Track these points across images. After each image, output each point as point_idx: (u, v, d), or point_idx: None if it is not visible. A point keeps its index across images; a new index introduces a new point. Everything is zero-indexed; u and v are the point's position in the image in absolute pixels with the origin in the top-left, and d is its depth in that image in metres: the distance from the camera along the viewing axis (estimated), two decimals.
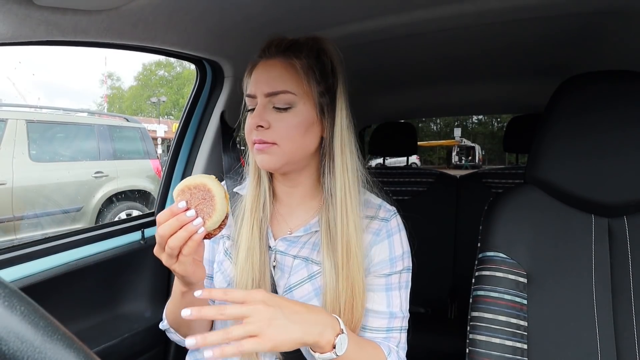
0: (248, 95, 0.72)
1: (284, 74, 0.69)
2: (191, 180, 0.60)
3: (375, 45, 1.20)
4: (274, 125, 0.69)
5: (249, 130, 0.71)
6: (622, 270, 0.78)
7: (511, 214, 0.85)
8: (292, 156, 0.71)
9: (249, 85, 0.73)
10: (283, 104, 0.69)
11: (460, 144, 24.40)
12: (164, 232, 0.57)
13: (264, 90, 0.69)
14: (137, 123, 5.41)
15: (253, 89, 0.71)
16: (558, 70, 1.44)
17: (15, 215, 3.82)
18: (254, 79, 0.72)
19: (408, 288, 0.76)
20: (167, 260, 0.59)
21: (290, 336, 0.55)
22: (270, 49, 0.72)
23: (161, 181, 1.29)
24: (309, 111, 0.70)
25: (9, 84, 14.21)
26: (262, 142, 0.69)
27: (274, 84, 0.69)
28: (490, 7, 0.95)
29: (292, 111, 0.69)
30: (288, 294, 0.72)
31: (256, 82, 0.71)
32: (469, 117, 27.95)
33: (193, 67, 1.21)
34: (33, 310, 0.27)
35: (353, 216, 0.70)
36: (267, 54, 0.72)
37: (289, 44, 0.72)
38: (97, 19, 0.74)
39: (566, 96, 0.83)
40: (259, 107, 0.70)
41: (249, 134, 0.72)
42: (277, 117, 0.69)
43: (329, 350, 0.59)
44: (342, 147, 0.71)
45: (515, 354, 0.77)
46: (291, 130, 0.69)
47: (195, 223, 0.57)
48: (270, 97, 0.69)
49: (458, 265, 1.84)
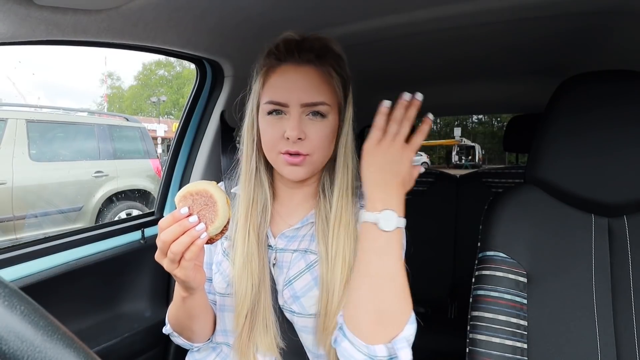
0: (276, 103, 0.68)
1: (321, 83, 0.68)
2: (193, 186, 0.60)
3: (375, 45, 1.19)
4: (310, 135, 0.68)
5: (277, 139, 0.68)
6: (622, 269, 0.78)
7: (511, 214, 0.85)
8: (319, 165, 0.72)
9: (275, 91, 0.69)
10: (319, 114, 0.68)
11: (460, 144, 24.39)
12: (167, 237, 0.57)
13: (302, 100, 0.67)
14: (137, 123, 5.41)
15: (285, 96, 0.68)
16: (558, 70, 1.44)
17: (15, 215, 3.82)
18: (283, 86, 0.68)
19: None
20: (169, 265, 0.59)
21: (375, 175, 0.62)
22: (301, 53, 0.69)
23: (161, 181, 1.29)
24: (335, 119, 0.71)
25: (9, 83, 14.23)
26: (297, 155, 0.68)
27: (313, 94, 0.67)
28: (490, 7, 0.95)
29: (325, 120, 0.69)
30: (288, 287, 0.72)
31: (288, 90, 0.68)
32: (469, 117, 27.96)
33: (193, 67, 1.21)
34: (33, 309, 0.27)
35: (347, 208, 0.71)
36: (295, 58, 0.69)
37: (319, 49, 0.69)
38: (97, 19, 0.74)
39: (566, 96, 0.83)
40: (295, 118, 0.67)
41: (275, 143, 0.69)
42: (313, 127, 0.68)
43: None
44: (346, 147, 0.72)
45: (515, 354, 0.77)
46: (324, 140, 0.69)
47: (198, 228, 0.57)
48: (307, 106, 0.67)
49: (458, 265, 1.84)
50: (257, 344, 0.71)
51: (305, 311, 0.71)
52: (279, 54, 0.70)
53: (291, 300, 0.72)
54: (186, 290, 0.66)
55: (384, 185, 0.61)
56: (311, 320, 0.71)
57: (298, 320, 0.72)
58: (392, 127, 0.62)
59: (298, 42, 0.70)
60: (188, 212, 0.58)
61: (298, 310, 0.72)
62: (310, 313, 0.71)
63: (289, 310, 0.73)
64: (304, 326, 0.72)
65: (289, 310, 0.72)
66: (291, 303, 0.72)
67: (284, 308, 0.73)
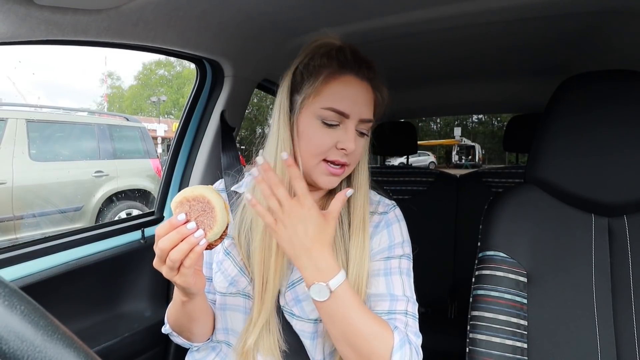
0: (339, 112, 0.67)
1: (372, 102, 0.72)
2: (189, 191, 0.59)
3: (375, 45, 1.19)
4: (356, 149, 0.70)
5: (327, 148, 0.68)
6: (622, 269, 0.78)
7: (511, 214, 0.85)
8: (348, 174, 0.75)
9: (339, 100, 0.67)
10: (367, 131, 0.72)
11: (460, 144, 24.39)
12: (165, 245, 0.56)
13: (362, 115, 0.69)
14: (137, 122, 5.40)
15: (349, 107, 0.67)
16: (558, 70, 1.44)
17: (15, 214, 3.82)
18: (348, 96, 0.68)
19: (410, 277, 0.75)
20: (168, 272, 0.59)
21: (287, 251, 0.62)
22: (362, 69, 0.69)
23: (161, 181, 1.29)
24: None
25: (9, 83, 14.22)
26: (342, 165, 0.69)
27: (368, 112, 0.70)
28: (490, 6, 0.95)
29: (365, 138, 0.73)
30: (291, 290, 0.72)
31: (353, 102, 0.68)
32: (469, 117, 27.94)
33: (193, 67, 1.21)
34: (33, 309, 0.27)
35: (364, 209, 0.73)
36: (357, 71, 0.69)
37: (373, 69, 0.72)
38: (97, 18, 0.74)
39: (566, 96, 0.83)
40: (352, 131, 0.68)
41: (323, 151, 0.68)
42: (359, 143, 0.71)
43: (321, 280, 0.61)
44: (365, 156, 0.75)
45: (516, 353, 0.77)
46: (362, 154, 0.73)
47: (197, 235, 0.56)
48: (362, 122, 0.70)
49: (458, 265, 1.84)
50: (259, 345, 0.71)
51: (305, 315, 0.71)
52: (345, 61, 0.68)
53: (293, 303, 0.72)
54: (186, 295, 0.66)
55: (301, 258, 0.61)
56: (311, 325, 0.71)
57: (296, 324, 0.72)
58: (270, 203, 0.61)
59: (356, 54, 0.70)
60: (185, 219, 0.57)
61: (298, 313, 0.71)
62: (311, 318, 0.71)
63: (289, 312, 0.72)
64: (302, 330, 0.72)
65: (289, 312, 0.72)
66: (292, 305, 0.72)
67: (284, 309, 0.73)
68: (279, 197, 0.61)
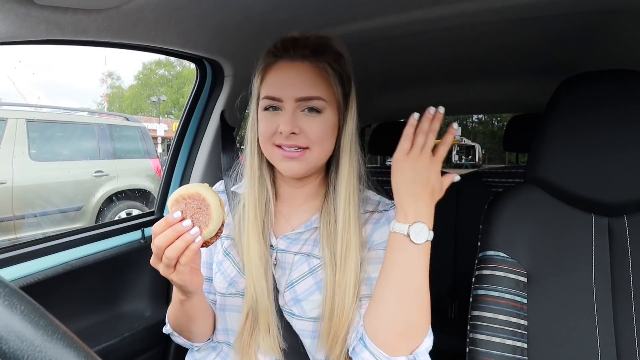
0: (270, 98, 0.69)
1: (315, 78, 0.68)
2: (185, 189, 0.60)
3: (375, 45, 1.19)
4: (306, 130, 0.68)
5: (271, 133, 0.69)
6: (622, 269, 0.78)
7: (511, 213, 0.85)
8: (319, 161, 0.72)
9: (270, 87, 0.70)
10: (315, 110, 0.68)
11: (460, 143, 24.38)
12: (161, 243, 0.57)
13: (296, 94, 0.67)
14: (137, 122, 5.41)
15: (279, 91, 0.68)
16: (558, 70, 1.44)
17: (15, 214, 3.82)
18: (278, 81, 0.69)
19: None
20: (165, 270, 0.59)
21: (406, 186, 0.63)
22: (296, 49, 0.69)
23: (161, 181, 1.29)
24: (334, 116, 0.71)
25: (9, 83, 14.23)
26: (294, 148, 0.68)
27: (307, 89, 0.67)
28: (490, 6, 0.95)
29: (321, 116, 0.69)
30: (290, 290, 0.72)
31: (283, 85, 0.68)
32: (469, 116, 27.92)
33: (193, 66, 1.21)
34: (33, 309, 0.27)
35: (354, 212, 0.71)
36: (290, 54, 0.69)
37: (315, 46, 0.69)
38: (97, 18, 0.74)
39: (566, 95, 0.83)
40: (289, 112, 0.67)
41: (269, 137, 0.70)
42: (308, 122, 0.68)
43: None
44: (350, 148, 0.72)
45: (516, 353, 0.77)
46: (321, 135, 0.69)
47: (192, 232, 0.57)
48: (301, 101, 0.68)
49: (458, 265, 1.84)
50: (259, 343, 0.71)
51: (305, 314, 0.71)
52: (275, 51, 0.70)
53: (292, 303, 0.72)
54: (184, 293, 0.66)
55: (414, 197, 0.62)
56: (310, 324, 0.71)
57: (297, 323, 0.72)
58: (419, 138, 0.62)
59: (295, 39, 0.70)
60: (181, 216, 0.58)
61: (298, 313, 0.71)
62: (311, 317, 0.71)
63: (288, 312, 0.72)
64: (302, 329, 0.72)
65: (288, 312, 0.72)
66: (292, 305, 0.72)
67: (284, 309, 0.73)
68: (428, 140, 0.62)
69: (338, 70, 0.70)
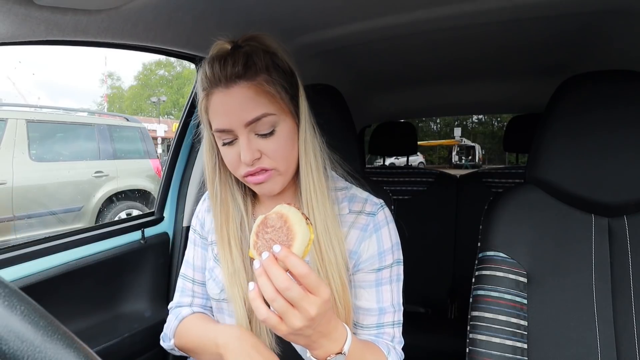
0: (222, 131, 0.66)
1: (255, 96, 0.64)
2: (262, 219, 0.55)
3: (375, 45, 1.20)
4: (266, 152, 0.66)
5: (236, 165, 0.67)
6: (622, 269, 0.78)
7: (511, 214, 0.85)
8: (290, 173, 0.71)
9: (217, 119, 0.66)
10: (267, 127, 0.65)
11: (460, 144, 24.38)
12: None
13: (243, 120, 0.63)
14: (137, 123, 5.41)
15: (227, 122, 0.64)
16: (558, 70, 1.44)
17: (15, 215, 3.82)
18: (221, 111, 0.65)
19: (400, 281, 0.75)
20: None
21: (298, 342, 0.56)
22: (227, 71, 0.64)
23: (161, 181, 1.29)
24: (289, 123, 0.68)
25: (9, 83, 14.24)
26: (262, 171, 0.66)
27: (251, 111, 0.63)
28: (490, 6, 0.95)
29: (276, 134, 0.66)
30: None
31: (228, 114, 0.64)
32: (469, 117, 27.92)
33: (193, 67, 1.21)
34: (33, 309, 0.27)
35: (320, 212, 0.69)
36: (223, 81, 0.64)
37: (246, 57, 0.64)
38: (97, 19, 0.74)
39: (566, 96, 0.83)
40: (244, 141, 0.64)
41: (235, 169, 0.68)
42: (266, 145, 0.65)
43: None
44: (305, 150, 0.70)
45: (516, 354, 0.77)
46: (282, 153, 0.67)
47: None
48: (251, 125, 0.64)
49: (458, 265, 1.84)
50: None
51: None
52: (210, 81, 0.66)
53: None
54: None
55: (313, 345, 0.56)
56: None
57: None
58: (275, 304, 0.50)
59: (223, 59, 0.64)
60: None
61: None
62: None
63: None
64: None
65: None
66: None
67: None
68: (291, 297, 0.49)
69: (276, 76, 0.66)
